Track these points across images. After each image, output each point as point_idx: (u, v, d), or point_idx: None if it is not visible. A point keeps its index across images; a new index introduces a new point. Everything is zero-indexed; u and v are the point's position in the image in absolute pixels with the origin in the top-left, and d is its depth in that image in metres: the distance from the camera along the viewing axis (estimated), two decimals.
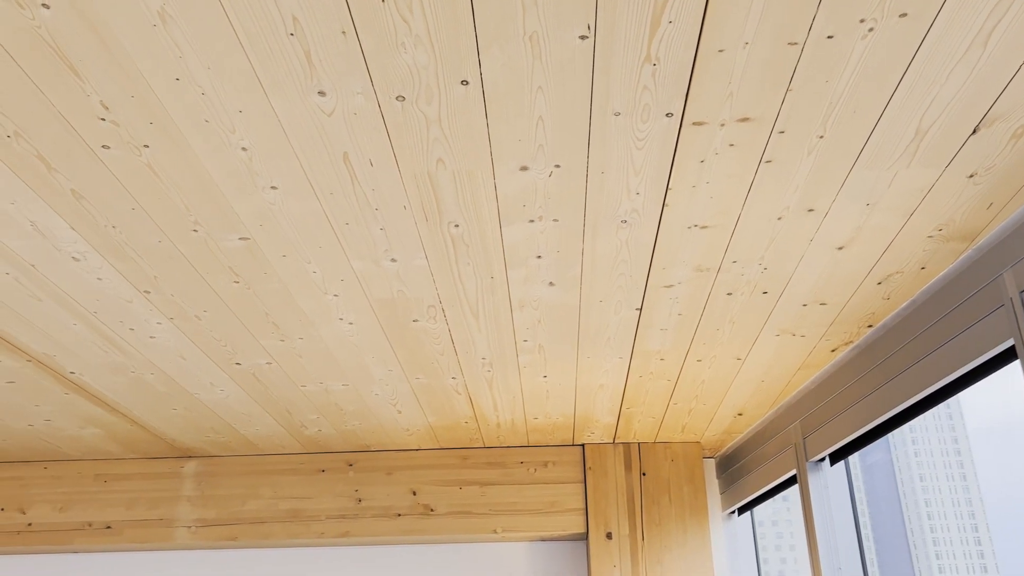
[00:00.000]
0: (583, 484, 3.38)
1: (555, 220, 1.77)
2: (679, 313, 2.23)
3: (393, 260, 1.94)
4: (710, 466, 3.60)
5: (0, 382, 2.59)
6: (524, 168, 1.59)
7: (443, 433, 3.24)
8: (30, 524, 3.35)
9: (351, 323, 2.27)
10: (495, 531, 3.30)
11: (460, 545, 3.45)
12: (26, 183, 1.61)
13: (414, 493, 3.36)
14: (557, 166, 1.59)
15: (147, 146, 1.51)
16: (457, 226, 1.80)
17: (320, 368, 2.56)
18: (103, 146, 1.50)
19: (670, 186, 1.65)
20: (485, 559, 3.41)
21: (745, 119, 1.46)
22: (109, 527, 3.33)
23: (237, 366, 2.53)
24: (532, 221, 1.78)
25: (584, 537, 3.39)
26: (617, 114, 1.44)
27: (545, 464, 3.40)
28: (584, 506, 3.34)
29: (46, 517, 3.36)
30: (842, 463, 2.79)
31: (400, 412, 2.99)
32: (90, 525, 3.34)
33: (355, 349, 2.43)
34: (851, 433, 2.48)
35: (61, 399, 2.76)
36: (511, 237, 1.84)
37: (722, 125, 1.47)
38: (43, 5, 1.20)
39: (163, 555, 3.46)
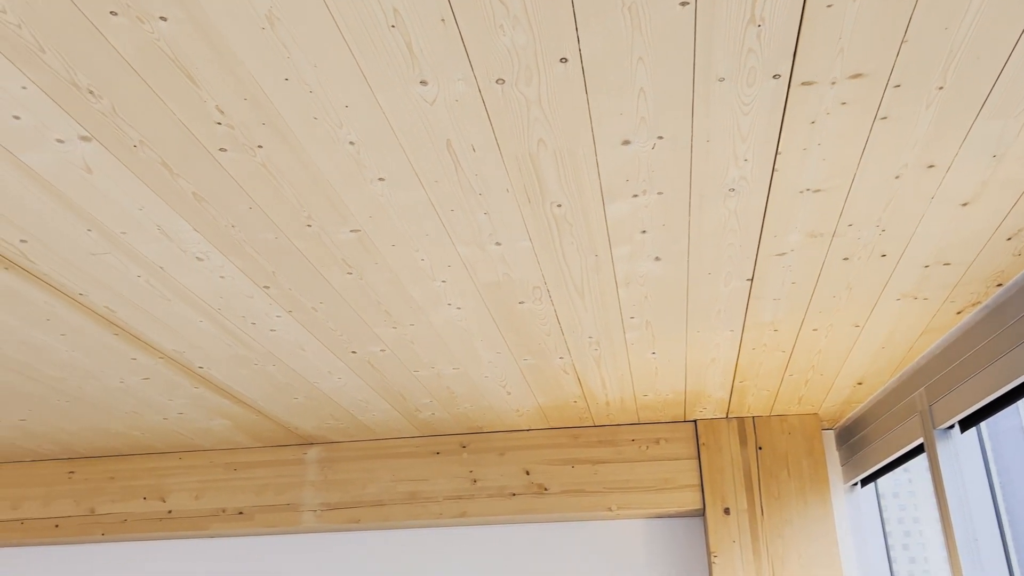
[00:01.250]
0: (697, 460, 3.34)
1: (659, 193, 1.75)
2: (792, 282, 2.17)
3: (498, 244, 1.96)
4: (829, 438, 3.50)
5: (136, 379, 2.76)
6: (626, 142, 1.57)
7: (553, 413, 3.26)
8: (170, 511, 3.56)
9: (459, 308, 2.30)
10: (610, 509, 3.30)
11: (574, 523, 3.47)
12: (152, 189, 1.70)
13: (527, 473, 3.40)
14: (660, 137, 1.56)
15: (261, 146, 1.57)
16: (560, 206, 1.80)
17: (431, 353, 2.62)
18: (220, 149, 1.57)
19: (779, 150, 1.60)
20: (600, 536, 3.43)
21: (857, 75, 1.40)
22: (241, 512, 3.52)
23: (353, 354, 2.61)
24: (636, 196, 1.76)
25: (700, 513, 3.36)
26: (721, 80, 1.40)
27: (657, 441, 3.38)
28: (699, 482, 3.30)
29: (184, 504, 3.57)
30: (973, 430, 2.66)
31: (510, 394, 3.02)
32: (224, 511, 3.53)
33: (464, 333, 2.47)
34: (981, 399, 2.35)
35: (191, 393, 2.92)
36: (615, 213, 1.83)
37: (833, 83, 1.42)
38: (161, 18, 1.26)
39: (291, 538, 3.62)
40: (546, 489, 3.36)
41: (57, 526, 3.59)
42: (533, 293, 2.22)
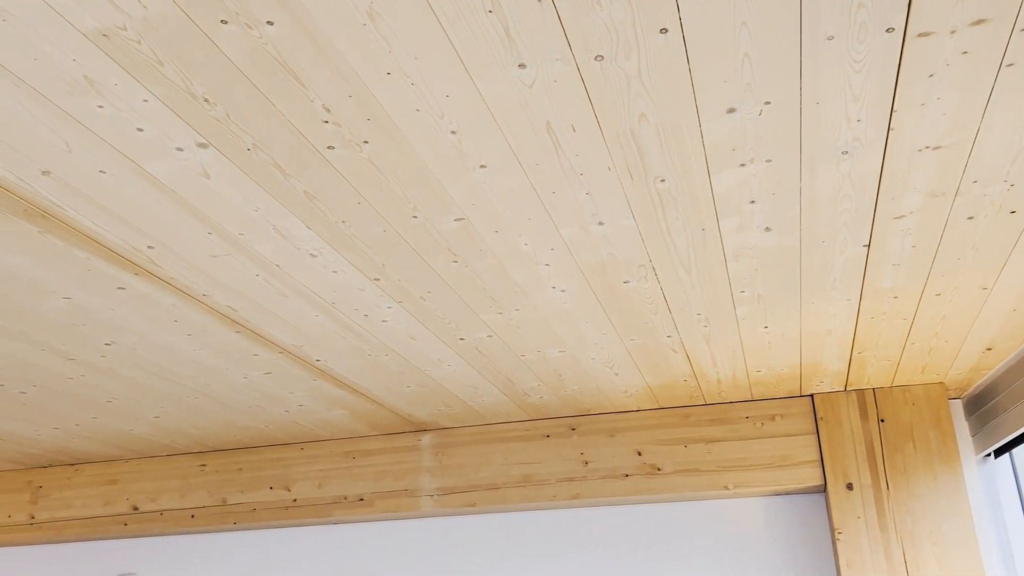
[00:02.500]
0: (815, 435, 3.24)
1: (768, 161, 1.70)
2: (913, 245, 2.07)
3: (600, 224, 1.94)
4: (957, 407, 3.33)
5: (259, 374, 2.89)
6: (731, 110, 1.53)
7: (662, 392, 3.23)
8: (295, 500, 3.72)
9: (563, 291, 2.30)
10: (726, 487, 3.25)
11: (689, 503, 3.43)
12: (266, 190, 1.77)
13: (639, 454, 3.38)
14: (767, 103, 1.51)
15: (366, 142, 1.61)
16: (663, 181, 1.77)
17: (537, 337, 2.63)
18: (328, 147, 1.62)
19: (895, 108, 1.53)
20: (717, 516, 3.38)
21: (979, 21, 1.32)
22: (362, 499, 3.64)
23: (461, 341, 2.65)
24: (743, 165, 1.71)
25: (822, 489, 3.26)
26: (830, 38, 1.34)
27: (772, 417, 3.29)
28: (819, 458, 3.20)
29: (308, 493, 3.72)
30: None
31: (617, 375, 3.01)
32: (345, 498, 3.66)
33: (569, 316, 2.47)
34: None
35: (310, 385, 3.03)
36: (721, 185, 1.78)
37: (952, 32, 1.34)
38: (268, 23, 1.30)
39: (411, 523, 3.72)
40: (659, 469, 3.34)
41: (193, 516, 3.81)
42: (638, 272, 2.19)
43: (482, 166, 1.70)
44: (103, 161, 1.63)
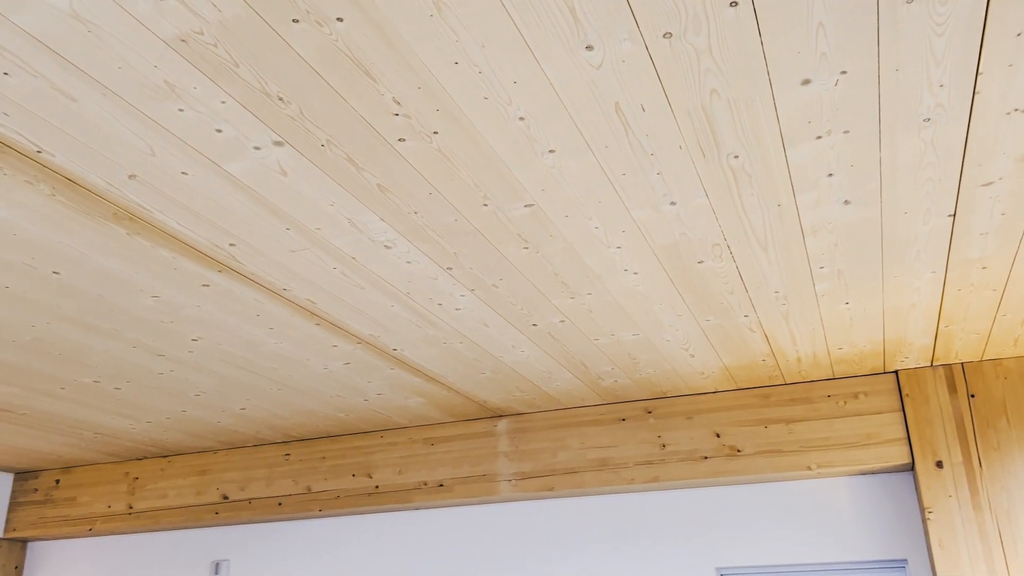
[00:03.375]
0: (901, 413, 3.14)
1: (846, 132, 1.65)
2: (1002, 213, 1.98)
3: (672, 203, 1.92)
4: None
5: (338, 364, 2.96)
6: (806, 82, 1.49)
7: (740, 373, 3.18)
8: (377, 487, 3.80)
9: (636, 273, 2.28)
10: (809, 467, 3.18)
11: (770, 484, 3.37)
12: (340, 185, 1.80)
13: (718, 435, 3.34)
14: (843, 72, 1.47)
15: (436, 132, 1.62)
16: (737, 157, 1.74)
17: (610, 320, 2.62)
18: (399, 139, 1.64)
19: (980, 70, 1.46)
20: (800, 496, 3.31)
21: None
22: (441, 485, 3.69)
23: (534, 327, 2.66)
24: (820, 137, 1.67)
25: (910, 468, 3.17)
26: (909, 1, 1.29)
27: (855, 395, 3.21)
28: (905, 435, 3.11)
29: (389, 479, 3.80)
30: None
31: (693, 356, 2.97)
32: (425, 484, 3.72)
33: (642, 298, 2.45)
34: None
35: (387, 374, 3.09)
36: (797, 158, 1.74)
37: None
38: (338, 19, 1.32)
39: (490, 507, 3.76)
40: (739, 451, 3.29)
41: (280, 504, 3.93)
42: (712, 251, 2.16)
43: (551, 151, 1.70)
44: (185, 163, 1.69)
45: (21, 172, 1.69)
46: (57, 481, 4.41)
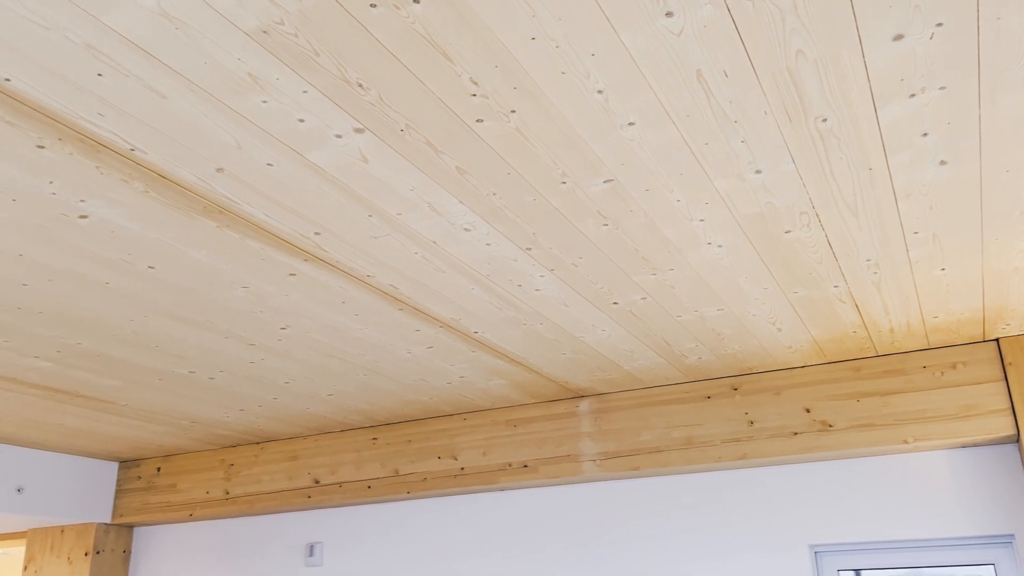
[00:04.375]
0: (1004, 383, 3.00)
1: (942, 88, 1.57)
2: None
3: (758, 172, 1.87)
4: None
5: (421, 348, 2.99)
6: (899, 36, 1.42)
7: (830, 346, 3.09)
8: (463, 468, 3.85)
9: (720, 246, 2.24)
10: (905, 441, 3.07)
11: (865, 459, 3.27)
12: (420, 169, 1.81)
13: (808, 410, 3.25)
14: (939, 25, 1.39)
15: (514, 111, 1.61)
16: (825, 120, 1.67)
17: (693, 296, 2.58)
18: (477, 120, 1.64)
19: None
20: (896, 471, 3.20)
21: None
22: (526, 466, 3.71)
23: (615, 305, 2.64)
24: (913, 95, 1.59)
25: (1014, 439, 3.02)
26: None
27: (953, 365, 3.08)
28: (1009, 406, 2.97)
29: (474, 461, 3.83)
30: None
31: (780, 330, 2.90)
32: (510, 465, 3.75)
33: (727, 271, 2.40)
34: None
35: (469, 356, 3.11)
36: (889, 118, 1.67)
37: None
38: (414, 1, 1.32)
39: (574, 488, 3.76)
40: (831, 426, 3.20)
41: (369, 487, 4.02)
42: (800, 219, 2.09)
43: (630, 123, 1.67)
44: (269, 154, 1.73)
45: (117, 170, 1.75)
46: (158, 469, 4.60)
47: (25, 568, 4.70)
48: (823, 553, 3.29)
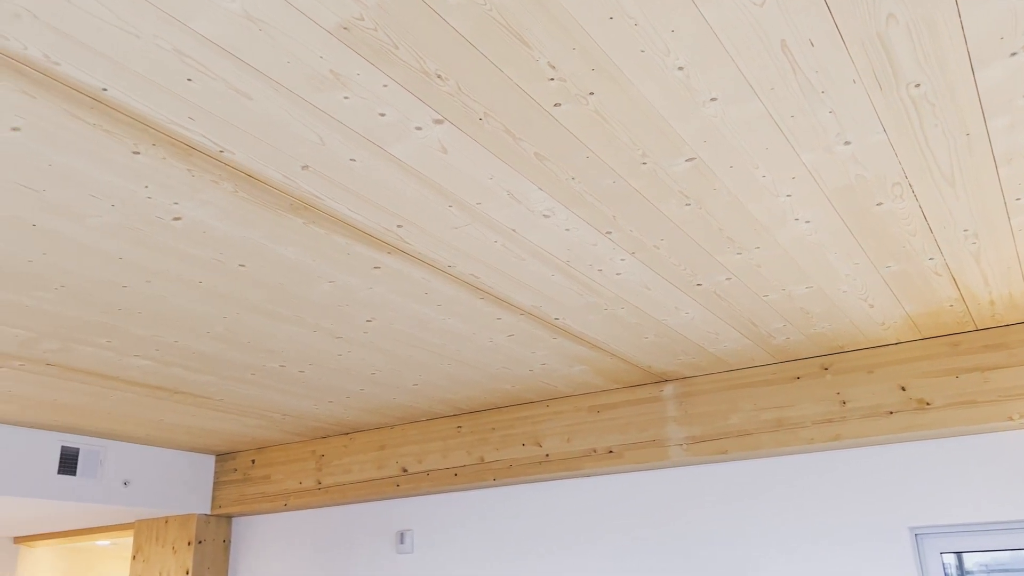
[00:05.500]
0: None
1: None
2: None
3: (847, 143, 1.80)
4: None
5: (502, 337, 3.01)
6: None
7: (925, 321, 2.97)
8: (547, 455, 3.86)
9: (808, 221, 2.17)
10: (1010, 418, 2.93)
11: (965, 438, 3.14)
12: (498, 157, 1.81)
13: (903, 389, 3.14)
14: None
15: (592, 93, 1.60)
16: (918, 85, 1.60)
17: (780, 274, 2.51)
18: (555, 104, 1.63)
19: None
20: (1000, 449, 3.06)
21: None
22: (611, 451, 3.70)
23: (698, 287, 2.59)
24: (1014, 54, 1.51)
25: None
26: None
27: None
28: None
29: (558, 448, 3.84)
30: None
31: (872, 306, 2.80)
32: (594, 451, 3.74)
33: (815, 248, 2.33)
34: None
35: (551, 343, 3.11)
36: (988, 80, 1.58)
37: None
38: None
39: (660, 473, 3.73)
40: (928, 404, 3.08)
41: (456, 475, 4.07)
42: (892, 191, 2.02)
43: (712, 99, 1.63)
44: (352, 150, 1.75)
45: (207, 172, 1.81)
46: (253, 461, 4.76)
47: (134, 557, 4.94)
48: (924, 536, 3.18)
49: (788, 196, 2.03)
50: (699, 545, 3.55)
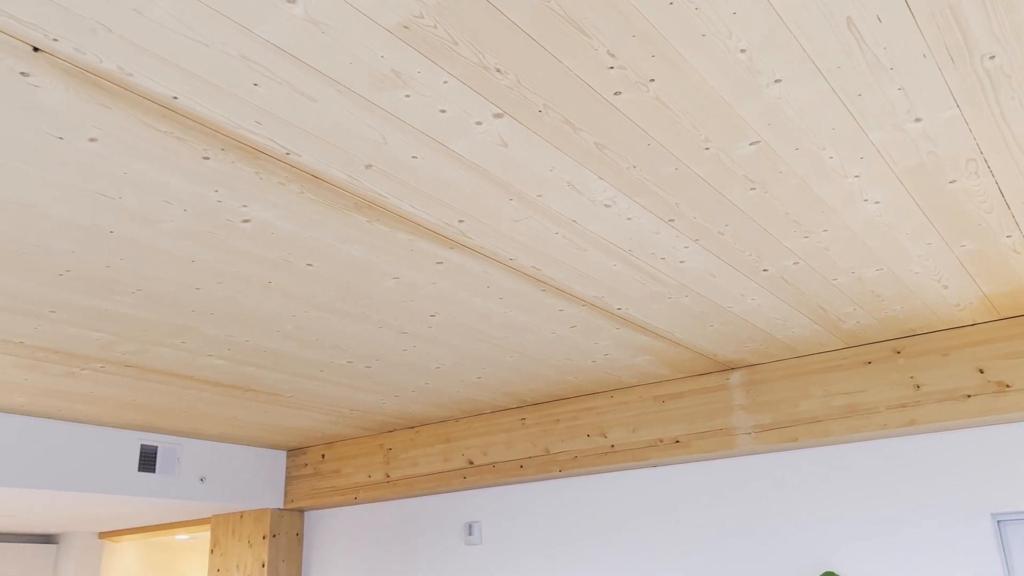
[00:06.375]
0: None
1: None
2: None
3: (917, 120, 1.75)
4: None
5: (565, 328, 3.00)
6: None
7: (1003, 301, 2.86)
8: (612, 446, 3.85)
9: (877, 202, 2.11)
10: None
11: None
12: (559, 148, 1.81)
13: (981, 371, 3.04)
14: None
15: (652, 80, 1.58)
16: (993, 57, 1.54)
17: (850, 257, 2.45)
18: (615, 93, 1.62)
19: None
20: None
21: None
22: (677, 441, 3.67)
23: (764, 272, 2.55)
24: None
25: None
26: None
27: None
28: None
29: (624, 438, 3.82)
30: None
31: (946, 287, 2.72)
32: (661, 441, 3.71)
33: (886, 229, 2.27)
34: None
35: (613, 334, 3.09)
36: None
37: None
38: None
39: (728, 462, 3.68)
40: (1008, 386, 2.97)
41: (521, 467, 4.09)
42: (967, 167, 1.95)
43: (776, 80, 1.60)
44: (414, 147, 1.77)
45: (274, 175, 1.85)
46: (323, 456, 4.86)
47: (212, 551, 5.09)
48: (1007, 522, 3.07)
49: (856, 177, 1.98)
50: (772, 534, 3.50)
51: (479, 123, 1.70)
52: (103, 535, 6.37)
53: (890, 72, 1.58)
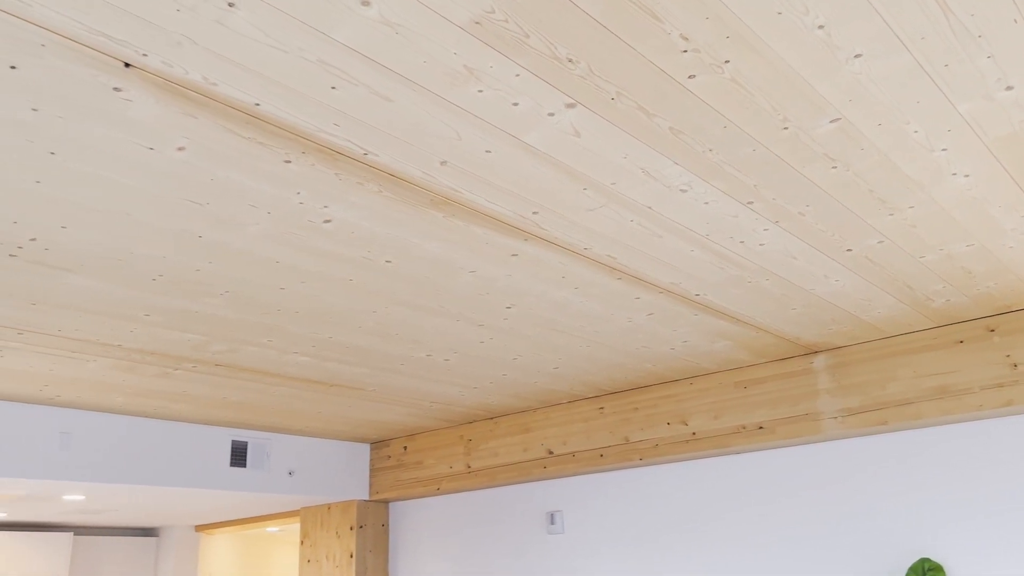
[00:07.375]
0: None
1: None
2: None
3: (1008, 88, 1.68)
4: None
5: (642, 316, 2.99)
6: None
7: None
8: (694, 433, 3.81)
9: (967, 175, 2.03)
10: None
11: None
12: (632, 135, 1.80)
13: None
14: None
15: (727, 61, 1.56)
16: None
17: (938, 233, 2.37)
18: (689, 76, 1.60)
19: None
20: None
21: None
22: (761, 427, 3.60)
23: (848, 252, 2.48)
24: None
25: None
26: None
27: None
28: None
29: (705, 425, 3.78)
30: None
31: None
32: (743, 428, 3.66)
33: (976, 203, 2.18)
34: None
35: (691, 320, 3.06)
36: None
37: None
38: None
39: (814, 447, 3.60)
40: None
41: (601, 455, 4.08)
42: None
43: (857, 56, 1.55)
44: (488, 141, 1.79)
45: (353, 175, 1.89)
46: (405, 448, 4.96)
47: (302, 542, 5.25)
48: None
49: (944, 150, 1.91)
50: (862, 521, 3.41)
51: (551, 114, 1.70)
52: (199, 528, 6.64)
53: (978, 40, 1.52)
